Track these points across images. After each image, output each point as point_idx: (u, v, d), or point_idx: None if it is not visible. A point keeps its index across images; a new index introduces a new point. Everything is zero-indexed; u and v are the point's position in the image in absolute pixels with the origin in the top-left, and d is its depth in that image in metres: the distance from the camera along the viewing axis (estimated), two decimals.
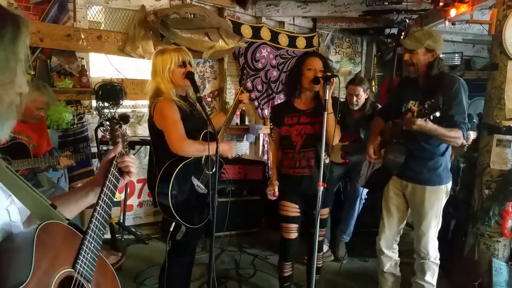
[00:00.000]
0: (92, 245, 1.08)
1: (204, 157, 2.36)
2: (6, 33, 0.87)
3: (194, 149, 2.25)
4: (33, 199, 1.02)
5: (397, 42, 2.69)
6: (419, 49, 2.48)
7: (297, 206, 2.68)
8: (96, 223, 1.13)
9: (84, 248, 1.05)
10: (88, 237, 1.08)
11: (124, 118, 1.44)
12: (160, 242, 4.00)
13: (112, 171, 1.25)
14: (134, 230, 4.17)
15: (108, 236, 3.84)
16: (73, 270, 1.01)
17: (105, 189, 1.20)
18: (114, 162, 1.27)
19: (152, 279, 3.17)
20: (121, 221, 4.06)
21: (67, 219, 1.07)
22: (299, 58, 2.74)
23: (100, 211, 1.16)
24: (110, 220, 3.79)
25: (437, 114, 2.19)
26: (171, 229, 2.31)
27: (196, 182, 2.36)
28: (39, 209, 1.03)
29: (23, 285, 0.86)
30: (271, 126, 2.83)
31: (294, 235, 2.70)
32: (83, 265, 1.03)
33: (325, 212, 2.73)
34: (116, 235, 3.84)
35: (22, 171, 2.83)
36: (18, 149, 2.81)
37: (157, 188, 2.27)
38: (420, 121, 2.24)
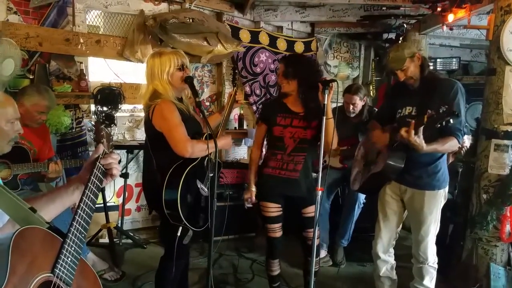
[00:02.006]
0: (73, 248, 1.07)
1: (206, 159, 2.36)
2: None
3: (198, 149, 2.23)
4: (11, 203, 1.02)
5: (388, 72, 2.70)
6: (405, 63, 2.50)
7: (279, 205, 2.70)
8: (77, 226, 1.11)
9: (64, 252, 1.04)
10: (68, 241, 1.06)
11: (110, 118, 1.44)
12: (158, 247, 3.99)
13: (95, 172, 1.23)
14: (132, 234, 4.16)
15: (106, 240, 3.83)
16: (51, 275, 1.00)
17: (87, 191, 1.19)
18: (98, 163, 1.25)
19: (150, 284, 3.16)
20: (119, 225, 4.05)
21: (47, 223, 1.07)
22: None
23: (82, 214, 1.14)
24: (112, 227, 3.78)
25: (451, 120, 2.14)
26: (179, 234, 2.28)
27: (200, 185, 2.36)
28: (18, 213, 1.03)
29: None
30: (258, 122, 2.83)
31: (279, 233, 2.74)
32: (62, 269, 1.02)
33: (311, 210, 2.70)
34: (114, 240, 3.82)
35: (21, 175, 2.82)
36: (17, 153, 2.79)
37: (165, 194, 2.22)
38: (415, 138, 2.26)
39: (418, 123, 2.26)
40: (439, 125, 2.21)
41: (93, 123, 1.36)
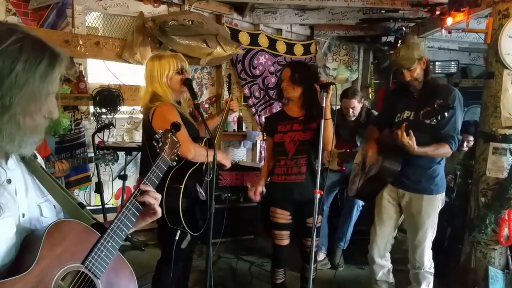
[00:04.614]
0: (109, 244, 1.10)
1: (205, 163, 2.35)
2: (39, 69, 0.96)
3: (199, 152, 2.22)
4: (64, 198, 1.13)
5: (394, 70, 2.70)
6: (414, 64, 2.51)
7: (288, 213, 2.69)
8: (119, 223, 1.15)
9: (98, 246, 1.08)
10: (105, 236, 1.10)
11: (176, 126, 1.48)
12: (156, 249, 3.98)
13: (154, 169, 1.30)
14: (130, 236, 4.14)
15: None
16: (82, 266, 1.05)
17: (135, 192, 1.23)
18: (158, 160, 1.32)
19: (148, 286, 3.14)
20: None
21: (94, 219, 1.16)
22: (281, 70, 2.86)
23: (126, 212, 1.18)
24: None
25: (446, 114, 2.19)
26: (177, 238, 2.27)
27: (199, 189, 2.35)
28: (68, 207, 1.14)
29: (24, 273, 0.93)
30: (264, 137, 2.89)
31: (285, 241, 2.72)
32: (93, 261, 1.06)
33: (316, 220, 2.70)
34: None
35: None
36: None
37: (166, 198, 2.18)
38: (407, 140, 2.32)
39: (411, 123, 2.31)
40: (435, 120, 2.23)
41: (161, 131, 1.40)
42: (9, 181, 1.01)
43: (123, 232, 1.15)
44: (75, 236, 1.05)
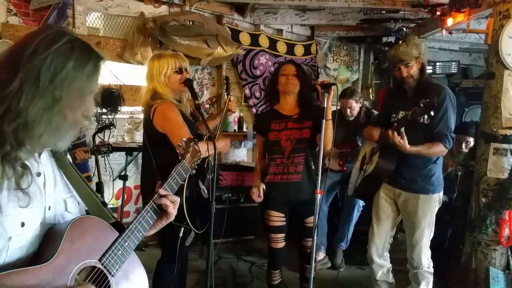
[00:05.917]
0: (126, 243, 1.14)
1: (206, 161, 2.35)
2: (87, 68, 1.04)
3: (202, 149, 2.22)
4: (88, 195, 1.19)
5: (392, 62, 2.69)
6: (412, 61, 2.54)
7: (283, 215, 2.65)
8: (137, 224, 1.19)
9: (116, 244, 1.12)
10: (123, 236, 1.14)
11: (199, 136, 1.51)
12: (157, 249, 3.98)
13: (173, 174, 1.32)
14: None
15: None
16: (98, 262, 1.08)
17: (155, 196, 1.25)
18: (178, 167, 1.34)
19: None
20: None
21: (114, 218, 1.21)
22: (277, 67, 2.84)
23: (145, 214, 1.21)
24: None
25: (432, 113, 2.23)
26: (181, 235, 2.27)
27: (201, 186, 2.36)
28: (91, 204, 1.19)
29: (45, 263, 0.97)
30: (254, 135, 2.86)
31: (281, 244, 2.68)
32: (109, 258, 1.10)
33: (312, 220, 2.68)
34: None
35: None
36: None
37: None
38: (399, 139, 2.35)
39: (401, 122, 2.34)
40: (422, 120, 2.25)
41: (185, 139, 1.41)
42: (38, 174, 1.06)
43: (140, 234, 1.20)
44: (95, 233, 1.09)
